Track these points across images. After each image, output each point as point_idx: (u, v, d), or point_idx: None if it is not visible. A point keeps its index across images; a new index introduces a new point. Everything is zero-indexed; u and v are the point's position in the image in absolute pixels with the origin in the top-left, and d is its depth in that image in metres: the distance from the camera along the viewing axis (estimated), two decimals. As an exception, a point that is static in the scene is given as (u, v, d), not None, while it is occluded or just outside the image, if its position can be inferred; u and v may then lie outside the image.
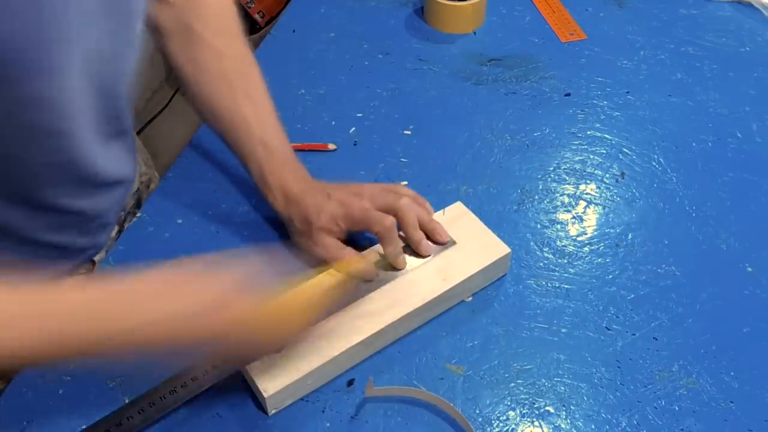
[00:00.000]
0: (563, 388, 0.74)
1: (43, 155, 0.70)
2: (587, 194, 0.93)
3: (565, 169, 0.96)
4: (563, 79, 1.09)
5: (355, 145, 0.99)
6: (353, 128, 1.01)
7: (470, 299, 0.81)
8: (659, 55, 1.14)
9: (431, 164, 0.96)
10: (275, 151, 0.83)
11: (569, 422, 0.72)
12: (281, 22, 1.21)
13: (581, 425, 0.71)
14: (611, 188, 0.94)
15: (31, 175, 0.71)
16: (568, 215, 0.91)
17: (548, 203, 0.92)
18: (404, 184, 0.91)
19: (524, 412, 0.72)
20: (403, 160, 0.97)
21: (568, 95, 1.07)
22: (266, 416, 0.72)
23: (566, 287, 0.83)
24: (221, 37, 0.86)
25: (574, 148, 0.99)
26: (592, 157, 0.98)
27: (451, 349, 0.77)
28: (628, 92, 1.07)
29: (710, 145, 0.99)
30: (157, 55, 0.87)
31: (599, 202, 0.92)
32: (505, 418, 0.72)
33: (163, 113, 2.03)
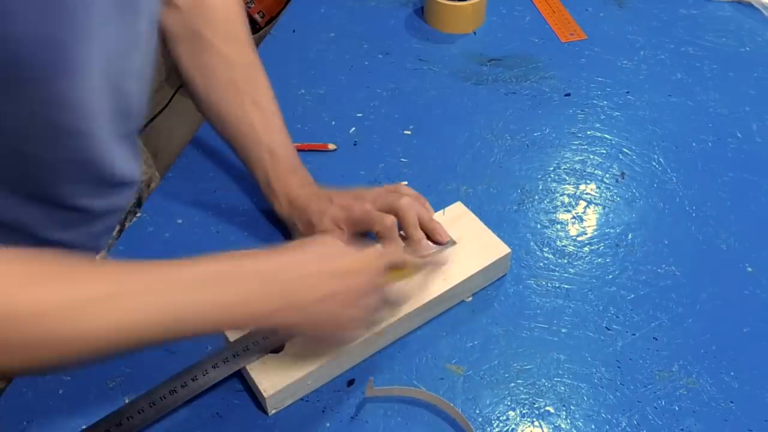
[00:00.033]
0: (563, 388, 0.74)
1: (63, 154, 0.70)
2: (587, 194, 0.93)
3: (565, 169, 0.96)
4: (563, 79, 1.09)
5: (355, 145, 0.99)
6: (353, 128, 1.01)
7: (470, 299, 0.81)
8: (659, 55, 1.14)
9: (431, 164, 0.96)
10: (281, 158, 0.84)
11: (569, 422, 0.72)
12: (281, 22, 1.21)
13: (581, 425, 0.71)
14: (611, 188, 0.94)
15: (50, 173, 0.72)
16: (568, 215, 0.91)
17: (548, 203, 0.92)
18: (404, 184, 0.91)
19: (524, 412, 0.72)
20: (403, 160, 0.97)
21: (568, 95, 1.07)
22: (266, 416, 0.72)
23: (566, 287, 0.83)
24: (230, 43, 0.86)
25: (574, 148, 0.99)
26: (592, 157, 0.98)
27: (451, 349, 0.77)
28: (628, 92, 1.07)
29: (710, 145, 0.99)
30: (157, 55, 0.87)
31: (599, 202, 0.92)
32: (505, 418, 0.72)
33: (163, 113, 2.03)
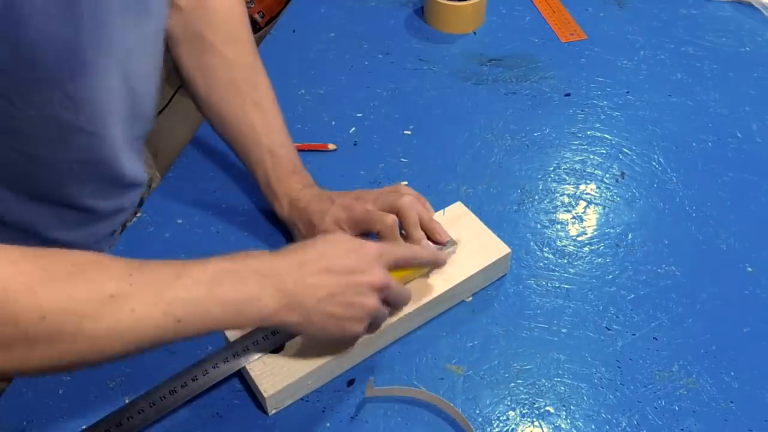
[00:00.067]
0: (563, 388, 0.74)
1: (75, 155, 0.70)
2: (587, 194, 0.93)
3: (565, 169, 0.96)
4: (563, 79, 1.09)
5: (355, 145, 0.99)
6: (353, 128, 1.01)
7: (470, 299, 0.81)
8: (659, 55, 1.14)
9: (431, 164, 0.96)
10: (282, 159, 0.84)
11: (569, 422, 0.72)
12: (281, 22, 1.21)
13: (581, 425, 0.71)
14: (611, 188, 0.94)
15: (61, 174, 0.72)
16: (568, 215, 0.91)
17: (548, 203, 0.92)
18: (404, 184, 0.91)
19: (524, 412, 0.72)
20: (403, 160, 0.97)
21: (568, 95, 1.07)
22: (266, 416, 0.72)
23: (566, 287, 0.83)
24: (231, 44, 0.86)
25: (574, 148, 0.99)
26: (592, 157, 0.98)
27: (451, 349, 0.77)
28: (628, 92, 1.07)
29: (710, 145, 0.99)
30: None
31: (599, 202, 0.92)
32: (505, 418, 0.72)
33: (163, 113, 2.03)
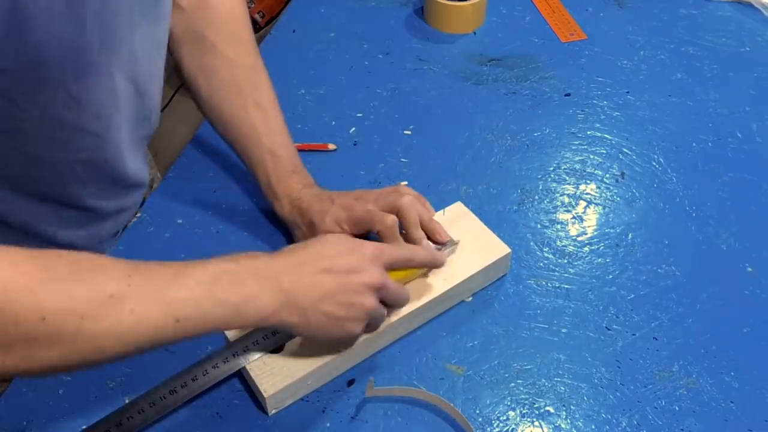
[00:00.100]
0: (563, 388, 0.74)
1: (78, 155, 0.70)
2: (587, 194, 0.93)
3: (565, 169, 0.96)
4: (563, 79, 1.09)
5: (355, 145, 0.99)
6: (353, 128, 1.01)
7: (470, 299, 0.81)
8: (659, 55, 1.14)
9: (431, 164, 0.96)
10: (283, 160, 0.84)
11: (569, 422, 0.72)
12: (281, 22, 1.21)
13: (581, 425, 0.71)
14: (611, 188, 0.94)
15: (64, 175, 0.72)
16: (568, 215, 0.91)
17: (548, 203, 0.92)
18: (404, 184, 0.91)
19: (524, 412, 0.72)
20: (403, 160, 0.97)
21: (568, 95, 1.07)
22: (266, 416, 0.72)
23: (566, 287, 0.83)
24: (232, 44, 0.86)
25: (574, 148, 0.99)
26: (592, 157, 0.98)
27: (451, 349, 0.77)
28: (628, 92, 1.07)
29: (710, 145, 0.99)
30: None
31: (599, 202, 0.92)
32: (505, 418, 0.72)
33: (163, 113, 2.03)
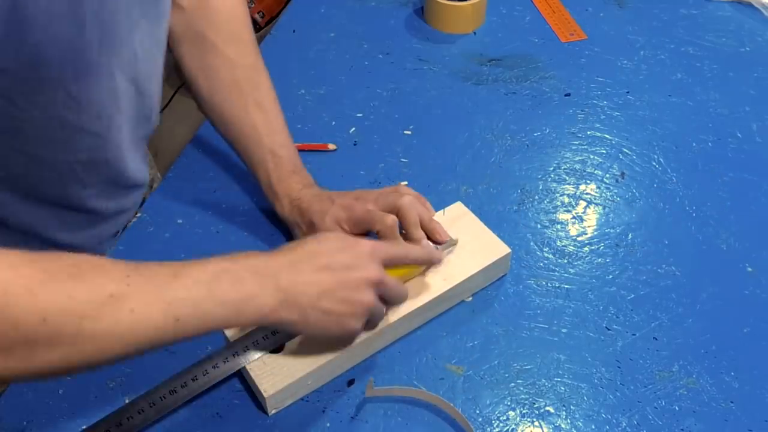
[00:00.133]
0: (563, 388, 0.74)
1: (79, 156, 0.70)
2: (587, 194, 0.93)
3: (565, 169, 0.96)
4: (563, 79, 1.09)
5: (355, 145, 0.99)
6: (353, 128, 1.01)
7: (470, 299, 0.81)
8: (659, 55, 1.14)
9: (431, 164, 0.96)
10: (283, 160, 0.84)
11: (569, 422, 0.72)
12: (281, 22, 1.21)
13: (581, 425, 0.71)
14: (611, 188, 0.94)
15: (64, 176, 0.72)
16: (568, 215, 0.91)
17: (548, 203, 0.92)
18: (404, 184, 0.91)
19: (524, 412, 0.72)
20: (403, 160, 0.97)
21: (568, 95, 1.07)
22: (266, 416, 0.72)
23: (566, 287, 0.83)
24: (233, 44, 0.86)
25: (574, 148, 0.99)
26: (592, 157, 0.98)
27: (451, 349, 0.77)
28: (628, 92, 1.07)
29: (710, 145, 0.99)
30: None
31: (599, 202, 0.92)
32: (505, 418, 0.72)
33: (163, 113, 2.03)
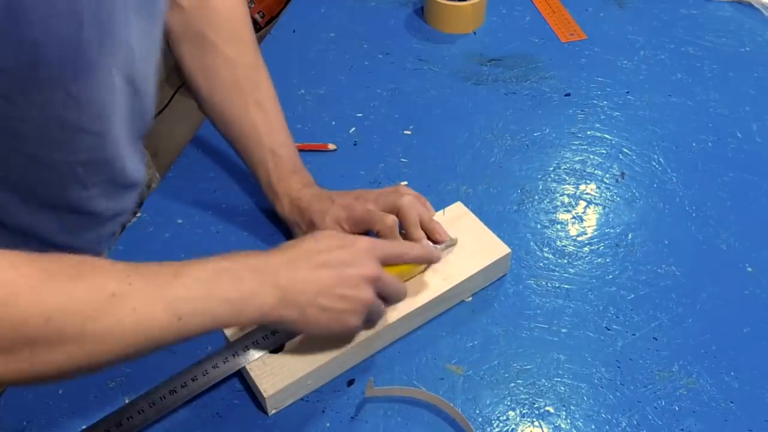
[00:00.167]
0: (563, 388, 0.74)
1: (79, 156, 0.70)
2: (587, 194, 0.93)
3: (565, 169, 0.96)
4: (563, 79, 1.09)
5: (355, 145, 0.99)
6: (353, 128, 1.01)
7: (470, 299, 0.81)
8: (659, 55, 1.14)
9: (431, 164, 0.96)
10: (283, 159, 0.85)
11: (569, 422, 0.72)
12: (281, 22, 1.21)
13: (581, 425, 0.71)
14: (611, 188, 0.94)
15: (65, 177, 0.72)
16: (568, 215, 0.91)
17: (548, 203, 0.92)
18: (404, 184, 0.91)
19: (524, 412, 0.72)
20: (403, 160, 0.97)
21: (568, 95, 1.07)
22: (266, 416, 0.72)
23: (566, 287, 0.83)
24: (233, 44, 0.86)
25: (574, 148, 0.99)
26: (592, 157, 0.98)
27: (451, 349, 0.77)
28: (628, 92, 1.07)
29: (710, 145, 0.99)
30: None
31: (599, 202, 0.92)
32: (505, 418, 0.72)
33: (163, 113, 2.03)
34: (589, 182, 0.95)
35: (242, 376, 0.73)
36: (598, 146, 0.99)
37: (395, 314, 0.75)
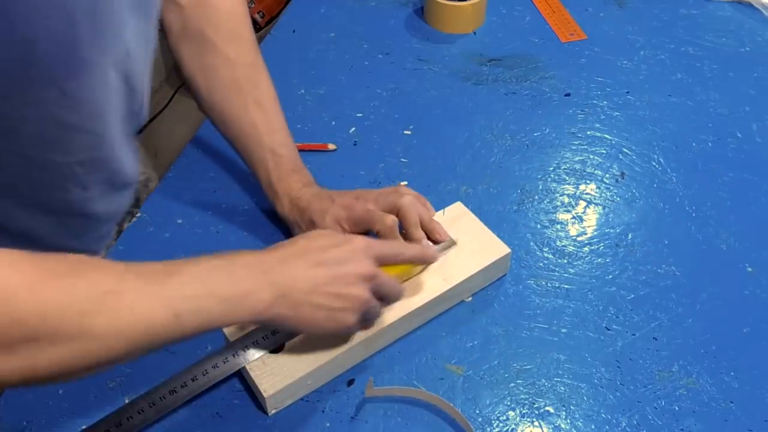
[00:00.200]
0: (563, 388, 0.74)
1: (75, 156, 0.70)
2: (587, 194, 0.93)
3: (565, 169, 0.96)
4: (563, 79, 1.09)
5: (355, 145, 0.99)
6: (353, 128, 1.01)
7: (470, 299, 0.81)
8: (659, 55, 1.14)
9: (431, 164, 0.96)
10: (283, 158, 0.84)
11: (569, 422, 0.72)
12: (281, 22, 1.21)
13: (581, 425, 0.71)
14: (611, 188, 0.94)
15: (62, 178, 0.71)
16: (568, 215, 0.91)
17: (548, 203, 0.92)
18: (404, 184, 0.91)
19: (524, 412, 0.72)
20: (403, 160, 0.97)
21: (568, 95, 1.07)
22: (266, 416, 0.72)
23: (566, 287, 0.83)
24: (232, 43, 0.86)
25: (574, 148, 0.99)
26: (592, 157, 0.98)
27: (451, 349, 0.77)
28: (628, 92, 1.07)
29: (710, 145, 0.99)
30: (157, 54, 0.87)
31: (599, 202, 0.92)
32: (505, 418, 0.72)
33: (163, 113, 2.03)
34: (589, 182, 0.95)
35: (242, 376, 0.73)
36: (598, 146, 0.99)
37: (395, 314, 0.75)
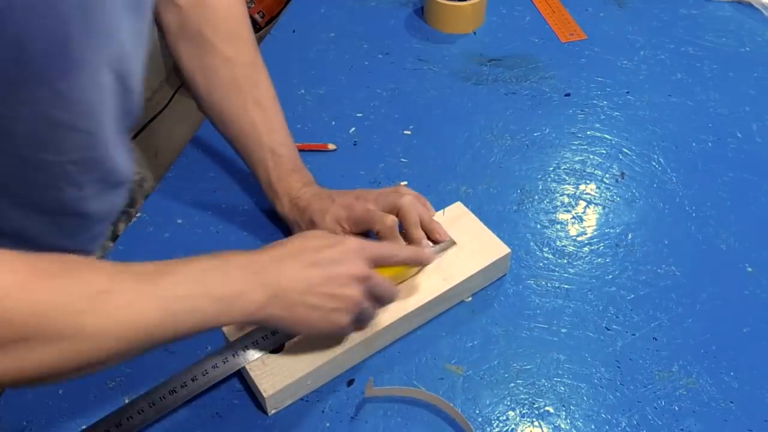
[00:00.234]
0: (563, 388, 0.74)
1: (69, 156, 0.70)
2: (587, 194, 0.93)
3: (565, 169, 0.96)
4: (563, 79, 1.09)
5: (355, 145, 0.99)
6: (353, 128, 1.01)
7: (470, 299, 0.81)
8: (659, 55, 1.14)
9: (431, 164, 0.96)
10: (283, 158, 0.84)
11: (569, 422, 0.72)
12: (281, 22, 1.21)
13: (581, 425, 0.71)
14: (611, 188, 0.94)
15: (56, 178, 0.71)
16: (568, 215, 0.91)
17: (548, 203, 0.92)
18: (404, 184, 0.91)
19: (524, 412, 0.72)
20: (403, 160, 0.97)
21: (568, 95, 1.07)
22: (266, 416, 0.72)
23: (566, 287, 0.83)
24: (231, 42, 0.86)
25: (574, 148, 0.99)
26: (592, 157, 0.98)
27: (451, 349, 0.77)
28: (628, 92, 1.07)
29: (710, 145, 0.99)
30: (157, 54, 0.87)
31: (599, 202, 0.92)
32: (505, 418, 0.72)
33: (163, 113, 2.03)
34: (589, 182, 0.95)
35: (242, 376, 0.73)
36: (598, 146, 0.99)
37: (395, 314, 0.75)
